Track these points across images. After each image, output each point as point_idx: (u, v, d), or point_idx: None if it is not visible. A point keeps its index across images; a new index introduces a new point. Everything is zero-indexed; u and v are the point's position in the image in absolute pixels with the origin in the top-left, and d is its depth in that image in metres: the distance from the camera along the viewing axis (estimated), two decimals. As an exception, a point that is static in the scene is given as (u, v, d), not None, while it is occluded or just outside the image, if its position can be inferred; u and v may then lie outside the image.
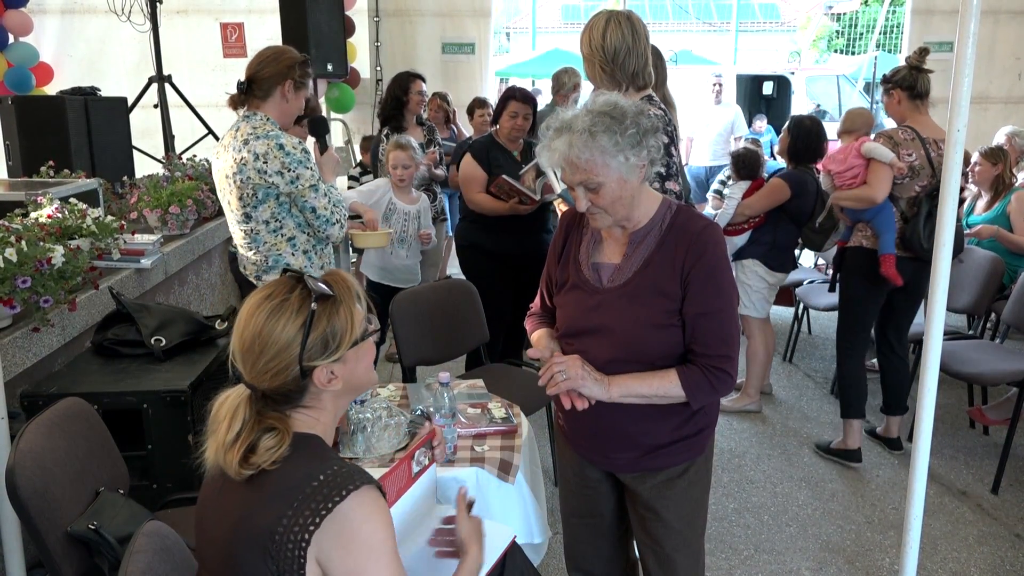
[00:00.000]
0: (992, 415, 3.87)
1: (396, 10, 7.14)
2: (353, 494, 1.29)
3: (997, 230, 4.43)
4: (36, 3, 6.47)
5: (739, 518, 3.28)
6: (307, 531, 1.26)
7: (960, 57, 1.98)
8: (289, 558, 1.26)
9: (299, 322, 1.33)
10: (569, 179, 1.75)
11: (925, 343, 2.17)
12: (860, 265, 3.57)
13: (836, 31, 23.75)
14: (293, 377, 1.34)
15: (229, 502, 1.36)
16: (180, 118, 5.86)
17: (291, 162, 2.68)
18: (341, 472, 1.31)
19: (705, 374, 1.76)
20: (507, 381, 3.29)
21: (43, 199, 2.99)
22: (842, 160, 3.52)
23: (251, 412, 1.35)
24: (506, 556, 1.83)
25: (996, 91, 7.04)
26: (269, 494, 1.30)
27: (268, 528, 1.28)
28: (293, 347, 1.32)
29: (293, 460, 1.34)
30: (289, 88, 2.77)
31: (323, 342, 1.34)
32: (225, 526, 1.34)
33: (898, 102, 3.50)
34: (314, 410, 1.40)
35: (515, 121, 3.85)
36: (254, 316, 1.34)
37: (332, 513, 1.27)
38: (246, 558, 1.29)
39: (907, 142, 3.42)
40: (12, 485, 1.72)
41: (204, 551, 1.42)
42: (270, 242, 2.81)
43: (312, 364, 1.34)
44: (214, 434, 1.36)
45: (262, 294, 1.37)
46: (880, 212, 3.46)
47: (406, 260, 4.19)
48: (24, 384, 2.44)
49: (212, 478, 1.43)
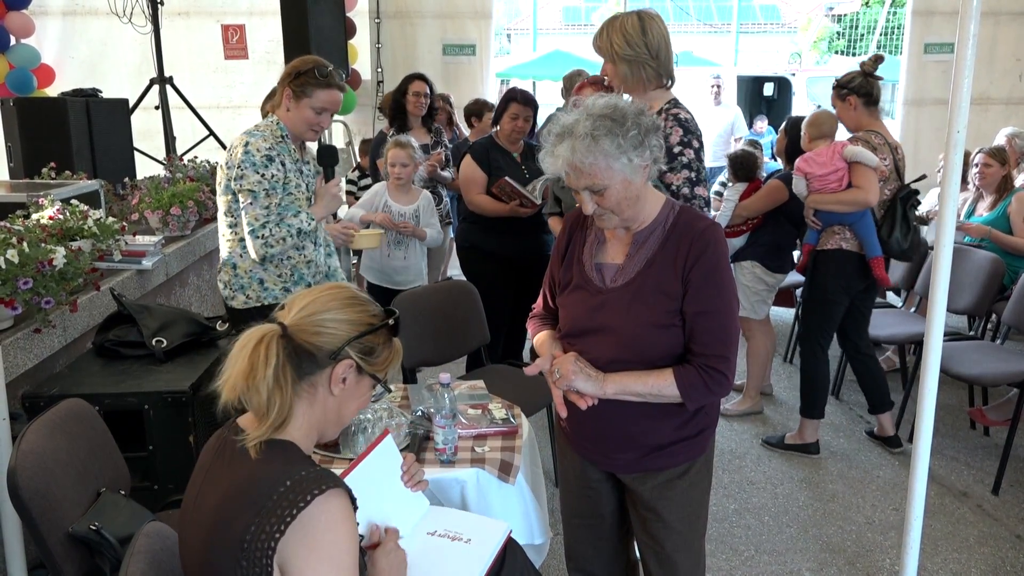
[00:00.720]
0: (993, 416, 3.87)
1: (397, 12, 7.14)
2: (318, 498, 1.28)
3: (990, 231, 4.41)
4: (38, 5, 6.48)
5: (740, 519, 3.28)
6: (273, 539, 1.25)
7: (960, 58, 1.99)
8: (259, 566, 1.26)
9: (369, 320, 1.44)
10: (574, 183, 1.75)
11: (925, 344, 2.17)
12: (839, 268, 3.59)
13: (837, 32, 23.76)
14: (326, 351, 1.39)
15: (205, 508, 1.36)
16: (181, 119, 5.88)
17: (244, 161, 2.60)
18: (308, 476, 1.30)
19: (701, 374, 1.76)
20: (508, 382, 3.29)
21: (45, 200, 3.00)
22: (823, 163, 3.53)
23: (283, 352, 1.36)
24: (506, 556, 1.83)
25: (997, 92, 7.03)
26: (240, 500, 1.30)
27: (238, 536, 1.27)
28: (348, 328, 1.41)
29: (265, 464, 1.33)
30: (288, 97, 2.67)
31: (367, 348, 1.44)
32: (201, 533, 1.34)
33: (854, 108, 3.57)
34: (301, 404, 1.39)
35: (516, 123, 3.86)
36: (346, 293, 1.45)
37: (296, 519, 1.26)
38: (219, 565, 1.29)
39: (881, 147, 3.50)
40: (14, 486, 1.72)
41: (184, 557, 1.43)
42: (226, 236, 2.77)
43: (346, 354, 1.40)
44: (236, 364, 1.35)
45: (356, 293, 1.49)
46: (864, 216, 3.50)
47: (404, 261, 4.09)
48: (26, 385, 2.45)
49: (192, 482, 1.44)
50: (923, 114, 6.97)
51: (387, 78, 6.97)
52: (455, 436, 2.30)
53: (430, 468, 2.16)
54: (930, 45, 6.87)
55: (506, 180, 3.70)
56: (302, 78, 2.66)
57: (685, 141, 2.44)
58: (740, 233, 4.22)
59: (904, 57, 7.07)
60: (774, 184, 4.12)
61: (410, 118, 4.83)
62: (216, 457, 1.41)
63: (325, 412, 1.44)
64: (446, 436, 2.27)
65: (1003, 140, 5.14)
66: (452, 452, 2.27)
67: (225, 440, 1.41)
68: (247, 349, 1.35)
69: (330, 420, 1.46)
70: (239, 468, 1.35)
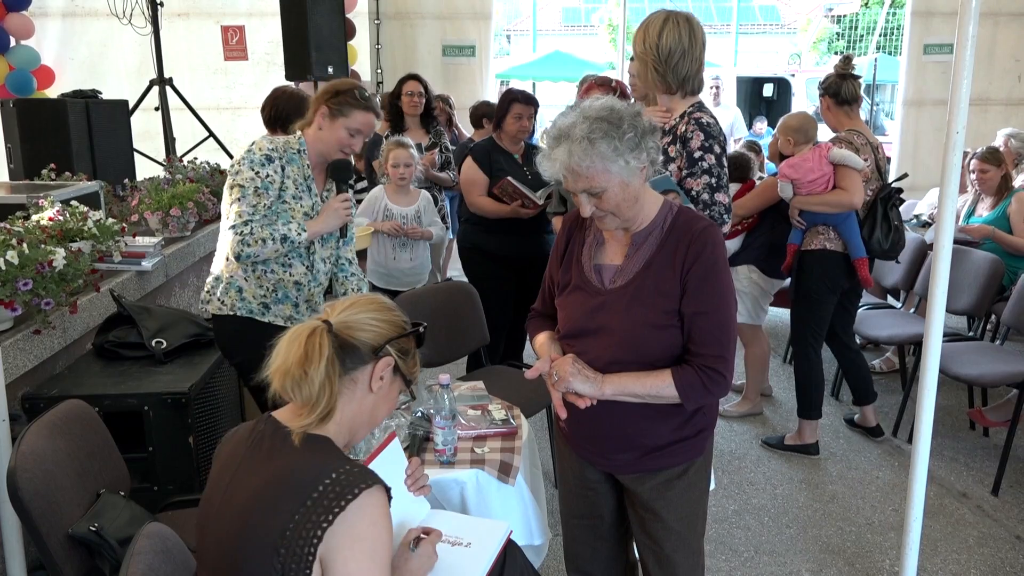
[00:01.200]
0: (992, 417, 3.87)
1: (397, 13, 7.14)
2: (364, 493, 1.31)
3: (993, 231, 4.42)
4: (37, 6, 6.48)
5: (739, 520, 3.28)
6: (320, 528, 1.28)
7: (959, 59, 1.99)
8: (299, 555, 1.28)
9: (403, 325, 1.53)
10: (572, 187, 1.76)
11: (925, 345, 2.17)
12: (824, 269, 3.62)
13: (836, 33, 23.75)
14: (368, 345, 1.46)
15: (237, 500, 1.37)
16: (181, 121, 5.87)
17: (243, 158, 2.51)
18: (353, 471, 1.34)
19: (698, 374, 1.76)
20: (507, 383, 3.29)
21: (44, 202, 3.00)
22: (811, 169, 3.54)
23: (331, 344, 1.41)
24: (506, 557, 1.83)
25: (996, 93, 7.03)
26: (283, 490, 1.32)
27: (280, 525, 1.29)
28: (388, 328, 1.50)
29: (309, 456, 1.36)
30: (323, 114, 2.56)
31: (403, 349, 1.52)
32: (233, 524, 1.35)
33: (828, 108, 3.64)
34: (343, 399, 1.44)
35: (520, 123, 3.87)
36: (382, 301, 1.54)
37: (344, 511, 1.29)
38: (252, 555, 1.30)
39: (863, 147, 3.53)
40: (13, 487, 1.72)
41: (207, 549, 1.43)
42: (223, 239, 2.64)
43: (387, 352, 1.48)
44: (290, 352, 1.41)
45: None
46: (848, 217, 3.53)
47: (411, 263, 4.13)
48: (25, 386, 2.45)
49: (218, 474, 1.45)
50: (923, 114, 6.98)
51: (387, 79, 6.97)
52: (455, 437, 2.31)
53: (430, 469, 2.16)
54: (929, 46, 6.88)
55: (508, 180, 3.70)
56: (341, 97, 2.56)
57: (706, 146, 2.42)
58: (735, 235, 4.18)
59: (904, 58, 7.08)
60: (768, 182, 4.08)
61: (406, 118, 4.84)
62: (253, 449, 1.44)
63: (361, 410, 1.49)
64: (446, 437, 2.27)
65: (1000, 140, 5.15)
66: (452, 453, 2.28)
67: (262, 433, 1.45)
68: (301, 338, 1.41)
69: (363, 420, 1.51)
70: (280, 459, 1.38)
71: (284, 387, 1.41)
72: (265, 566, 1.29)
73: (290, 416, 1.45)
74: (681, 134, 2.50)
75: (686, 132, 2.48)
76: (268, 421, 1.47)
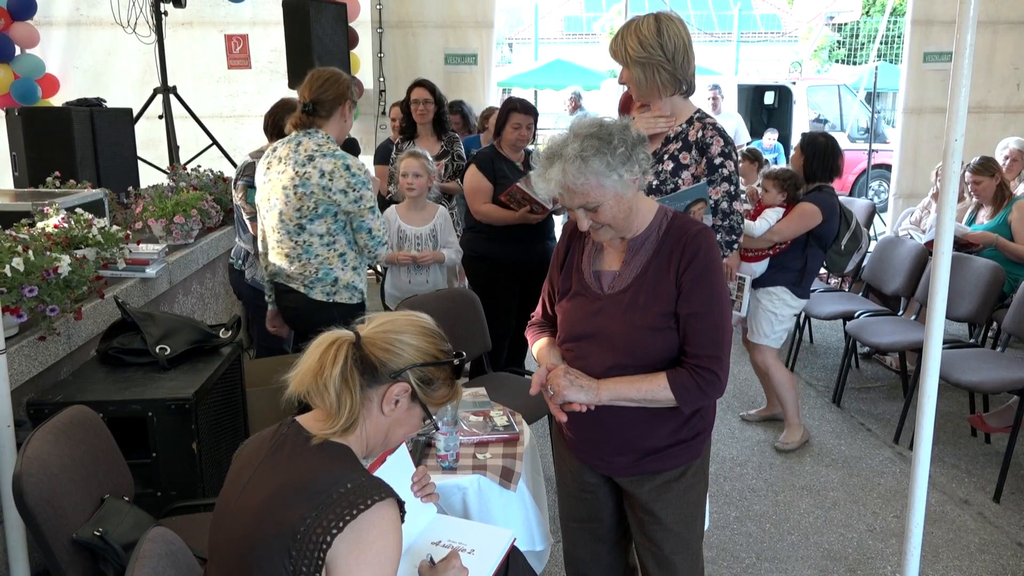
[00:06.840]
0: (993, 423, 3.87)
1: (399, 21, 7.17)
2: (377, 504, 1.33)
3: (996, 238, 4.43)
4: (43, 15, 6.52)
5: (741, 526, 3.28)
6: (330, 533, 1.30)
7: (957, 67, 2.00)
8: (308, 558, 1.29)
9: (437, 354, 1.53)
10: (568, 203, 1.80)
11: (925, 351, 2.17)
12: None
13: (837, 41, 23.79)
14: (389, 368, 1.46)
15: (254, 500, 1.38)
16: (185, 129, 5.90)
17: (356, 183, 2.84)
18: (369, 482, 1.36)
19: (693, 375, 1.79)
20: (509, 389, 3.30)
21: (49, 209, 3.02)
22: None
23: (351, 358, 1.43)
24: (509, 563, 1.84)
25: (995, 100, 7.05)
26: (299, 491, 1.34)
27: (292, 525, 1.31)
28: (415, 354, 1.49)
29: (328, 462, 1.38)
30: (348, 108, 2.97)
31: (426, 378, 1.51)
32: (248, 524, 1.37)
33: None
34: (363, 413, 1.46)
35: (519, 132, 3.89)
36: (425, 323, 1.56)
37: (356, 520, 1.31)
38: (265, 555, 1.32)
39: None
40: (19, 492, 1.73)
41: (219, 547, 1.44)
42: (322, 255, 2.94)
43: (405, 377, 1.48)
44: (307, 361, 1.44)
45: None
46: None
47: (427, 284, 3.92)
48: (30, 392, 2.46)
49: (236, 474, 1.46)
50: (923, 122, 6.99)
51: (389, 87, 7.00)
52: (457, 443, 2.32)
53: (432, 475, 2.16)
54: (929, 54, 6.89)
55: (517, 186, 3.71)
56: (353, 89, 2.95)
57: (726, 152, 2.39)
58: (763, 257, 3.94)
59: (904, 66, 7.09)
60: (807, 208, 3.86)
61: (417, 126, 4.76)
62: (275, 451, 1.45)
63: (376, 429, 1.50)
64: (448, 443, 2.28)
65: (1006, 151, 5.15)
66: (454, 459, 2.29)
67: (285, 436, 1.47)
68: (320, 349, 1.44)
69: (378, 440, 1.52)
70: (300, 462, 1.40)
71: (305, 393, 1.43)
72: (277, 566, 1.31)
73: (314, 422, 1.47)
74: (697, 139, 2.42)
75: (703, 137, 2.40)
76: (291, 425, 1.49)
